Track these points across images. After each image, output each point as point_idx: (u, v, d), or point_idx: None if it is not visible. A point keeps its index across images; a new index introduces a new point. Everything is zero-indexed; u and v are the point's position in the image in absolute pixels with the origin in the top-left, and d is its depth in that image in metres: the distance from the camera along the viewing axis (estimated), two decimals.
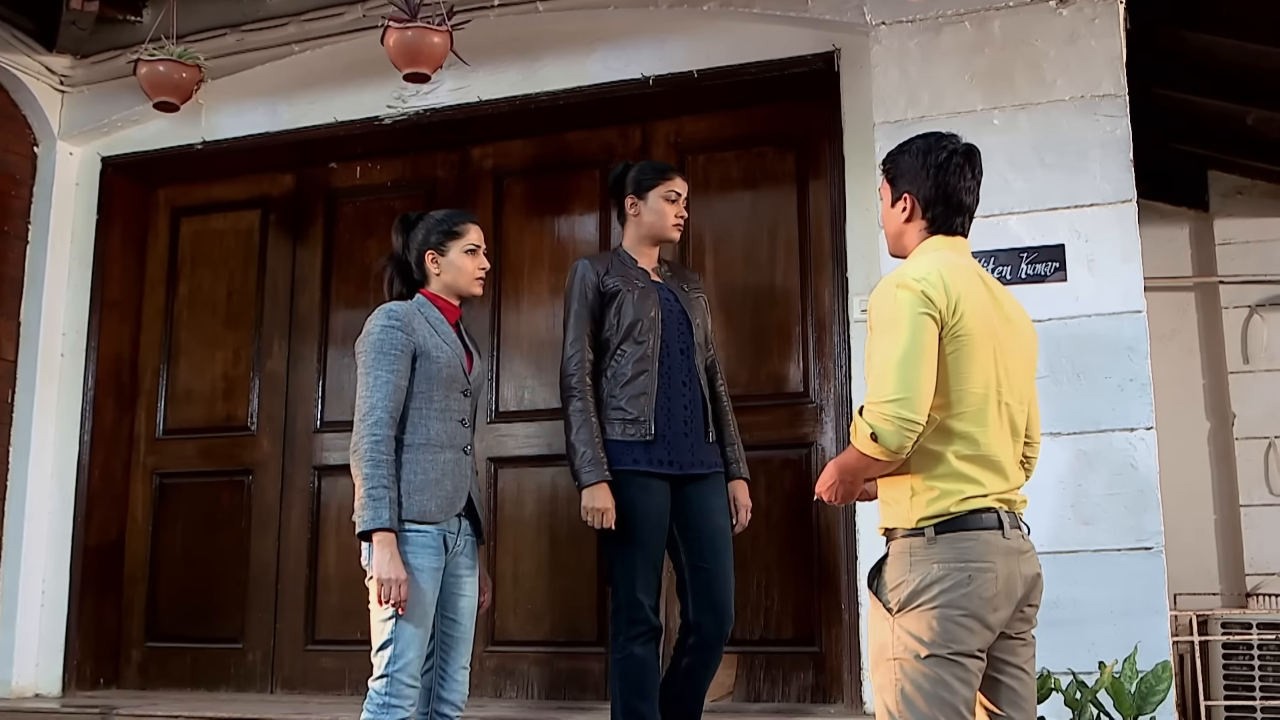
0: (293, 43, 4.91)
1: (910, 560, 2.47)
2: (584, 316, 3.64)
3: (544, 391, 4.77)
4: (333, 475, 5.00)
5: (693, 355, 3.64)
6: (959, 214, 2.70)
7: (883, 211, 2.82)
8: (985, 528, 2.48)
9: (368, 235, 5.12)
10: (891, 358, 2.45)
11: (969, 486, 2.50)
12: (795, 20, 4.32)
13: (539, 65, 4.71)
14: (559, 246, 4.87)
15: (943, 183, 2.67)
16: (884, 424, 2.41)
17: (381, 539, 3.06)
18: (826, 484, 2.70)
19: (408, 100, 4.86)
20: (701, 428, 3.61)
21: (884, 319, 2.51)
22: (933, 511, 2.48)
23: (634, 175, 3.73)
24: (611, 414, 3.58)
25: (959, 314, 2.50)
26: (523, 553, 4.70)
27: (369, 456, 3.11)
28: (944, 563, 2.44)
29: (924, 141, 2.73)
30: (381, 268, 3.46)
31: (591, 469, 3.52)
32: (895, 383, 2.43)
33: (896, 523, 2.54)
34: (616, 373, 3.60)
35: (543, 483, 4.72)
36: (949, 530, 2.47)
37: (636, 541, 3.50)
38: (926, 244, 2.69)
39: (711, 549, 3.55)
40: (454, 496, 3.25)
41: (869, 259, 4.17)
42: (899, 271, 2.57)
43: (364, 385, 3.18)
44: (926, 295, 2.48)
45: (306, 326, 5.18)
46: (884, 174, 2.80)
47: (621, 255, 3.74)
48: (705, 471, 3.60)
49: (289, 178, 5.33)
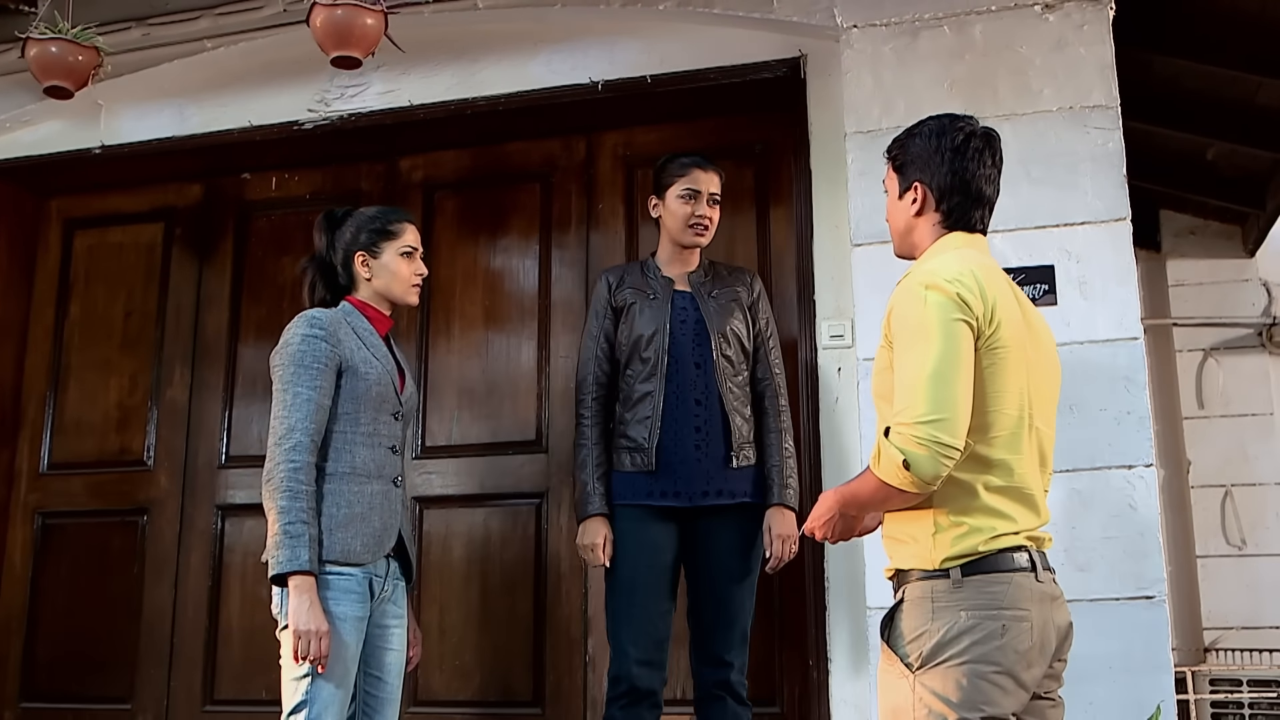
0: (205, 38, 4.47)
1: (932, 607, 2.10)
2: (597, 334, 3.34)
3: (475, 425, 4.35)
4: (238, 516, 4.51)
5: (713, 370, 3.26)
6: (978, 206, 2.36)
7: (888, 205, 2.47)
8: (1017, 569, 2.12)
9: (283, 252, 4.66)
10: (923, 371, 2.09)
11: (1000, 522, 2.14)
12: (759, 23, 4.00)
13: (477, 68, 4.32)
14: (494, 266, 4.47)
15: (960, 169, 2.33)
16: (917, 449, 2.04)
17: (299, 583, 2.63)
18: (822, 519, 2.33)
19: (331, 104, 4.43)
20: (721, 452, 3.22)
21: (911, 325, 2.15)
22: (959, 550, 2.12)
23: (657, 170, 3.43)
24: (619, 442, 3.25)
25: (995, 322, 2.16)
26: (450, 603, 4.24)
27: (285, 486, 2.67)
28: (973, 610, 2.07)
29: (937, 123, 2.39)
30: (302, 270, 3.04)
31: (585, 502, 3.20)
32: (929, 400, 2.06)
33: (914, 563, 2.17)
34: (626, 395, 3.28)
35: (473, 525, 4.28)
36: (977, 572, 2.11)
37: (627, 584, 3.13)
38: (944, 241, 2.33)
39: (712, 594, 3.16)
40: (382, 534, 2.83)
41: (838, 281, 3.83)
42: (925, 270, 2.21)
43: (281, 404, 2.75)
44: (961, 299, 2.13)
45: (212, 352, 4.70)
46: (890, 161, 2.45)
47: (646, 263, 3.42)
48: (724, 502, 3.21)
49: (196, 188, 4.86)
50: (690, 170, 3.38)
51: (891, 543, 2.28)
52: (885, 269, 3.66)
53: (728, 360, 3.30)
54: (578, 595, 4.10)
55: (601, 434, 3.30)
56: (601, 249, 4.35)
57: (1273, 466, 6.13)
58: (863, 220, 3.71)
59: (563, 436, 4.21)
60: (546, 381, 4.30)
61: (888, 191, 2.48)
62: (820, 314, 3.84)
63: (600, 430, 3.31)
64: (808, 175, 3.97)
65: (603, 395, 3.36)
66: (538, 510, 4.22)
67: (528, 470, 4.25)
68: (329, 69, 4.39)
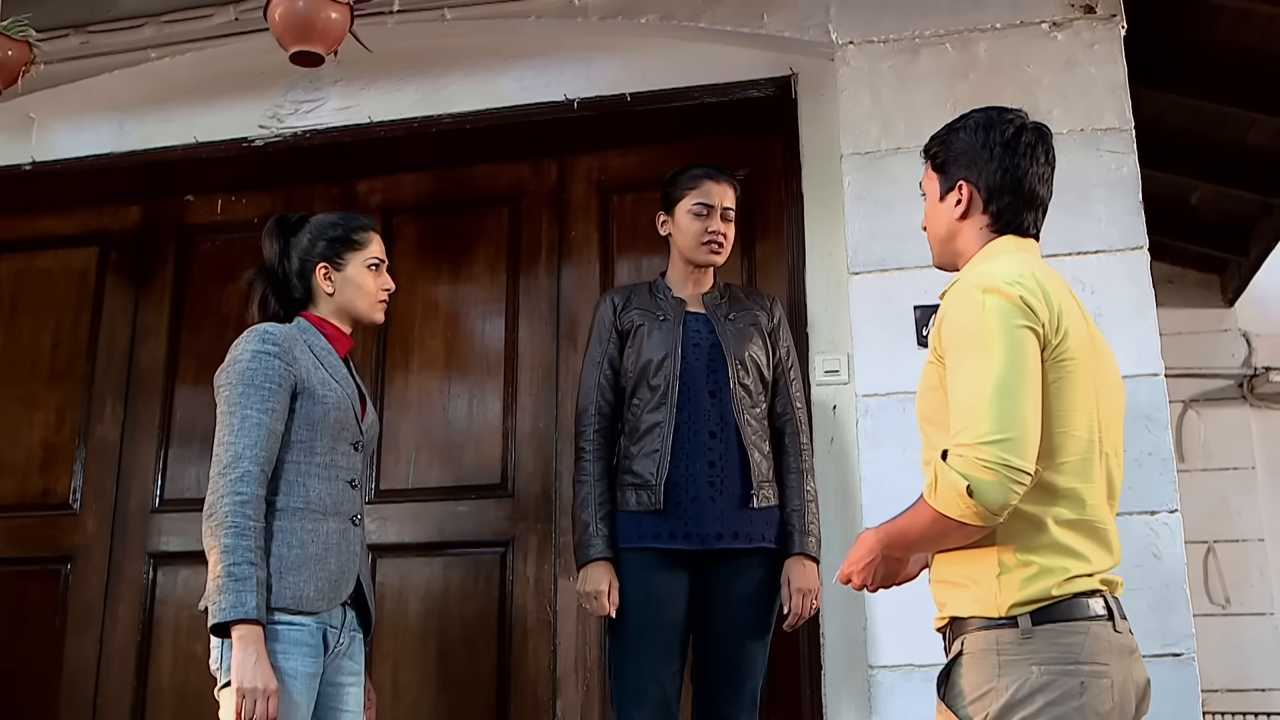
0: (148, 47, 4.15)
1: (999, 660, 1.82)
2: (600, 359, 3.05)
3: (435, 467, 4.02)
4: (172, 564, 4.12)
5: (729, 400, 2.96)
6: (1031, 208, 2.11)
7: (926, 209, 2.21)
8: (1093, 617, 1.84)
9: (227, 280, 4.31)
10: (985, 385, 1.82)
11: (1073, 562, 1.87)
12: (748, 39, 3.76)
13: (443, 83, 4.04)
14: (457, 297, 4.16)
15: (1011, 165, 2.08)
16: (983, 473, 1.77)
17: (244, 634, 2.28)
18: (861, 562, 2.05)
19: (284, 120, 4.13)
20: (738, 490, 2.91)
21: (968, 334, 1.88)
22: (1029, 595, 1.83)
23: (665, 184, 3.15)
24: (624, 478, 2.94)
25: (1062, 331, 1.90)
26: (404, 660, 3.88)
27: (231, 522, 2.34)
28: (1047, 665, 1.79)
29: (983, 115, 2.14)
30: (248, 283, 2.71)
31: (586, 545, 2.88)
32: (994, 417, 1.79)
33: (974, 609, 1.88)
34: (632, 427, 2.97)
35: (431, 575, 3.93)
36: (1049, 620, 1.82)
37: (631, 636, 2.82)
38: (994, 245, 2.07)
39: (722, 649, 2.85)
40: (339, 579, 2.50)
41: (833, 312, 3.58)
42: (979, 273, 1.95)
43: (227, 428, 2.42)
44: (1025, 303, 1.87)
45: (148, 386, 4.32)
46: (929, 160, 2.20)
47: (656, 284, 3.14)
48: (741, 546, 2.89)
49: (134, 210, 4.50)
50: (702, 182, 3.11)
51: (944, 587, 1.99)
52: (885, 298, 3.43)
53: (745, 390, 3.01)
54: (545, 653, 3.76)
55: (605, 470, 3.00)
56: (573, 280, 4.06)
57: (1256, 522, 5.94)
58: (860, 247, 3.46)
59: (530, 480, 3.91)
60: (513, 421, 3.98)
61: (925, 195, 2.23)
62: (814, 348, 3.57)
63: (604, 465, 3.00)
64: (799, 200, 3.72)
65: (606, 427, 3.05)
66: (502, 560, 3.88)
67: (491, 516, 3.92)
68: (282, 83, 4.13)
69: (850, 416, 3.44)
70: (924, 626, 3.11)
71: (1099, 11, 3.50)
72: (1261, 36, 4.18)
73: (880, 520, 3.24)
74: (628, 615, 2.85)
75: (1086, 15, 3.50)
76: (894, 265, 3.44)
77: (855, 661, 3.30)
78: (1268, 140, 4.79)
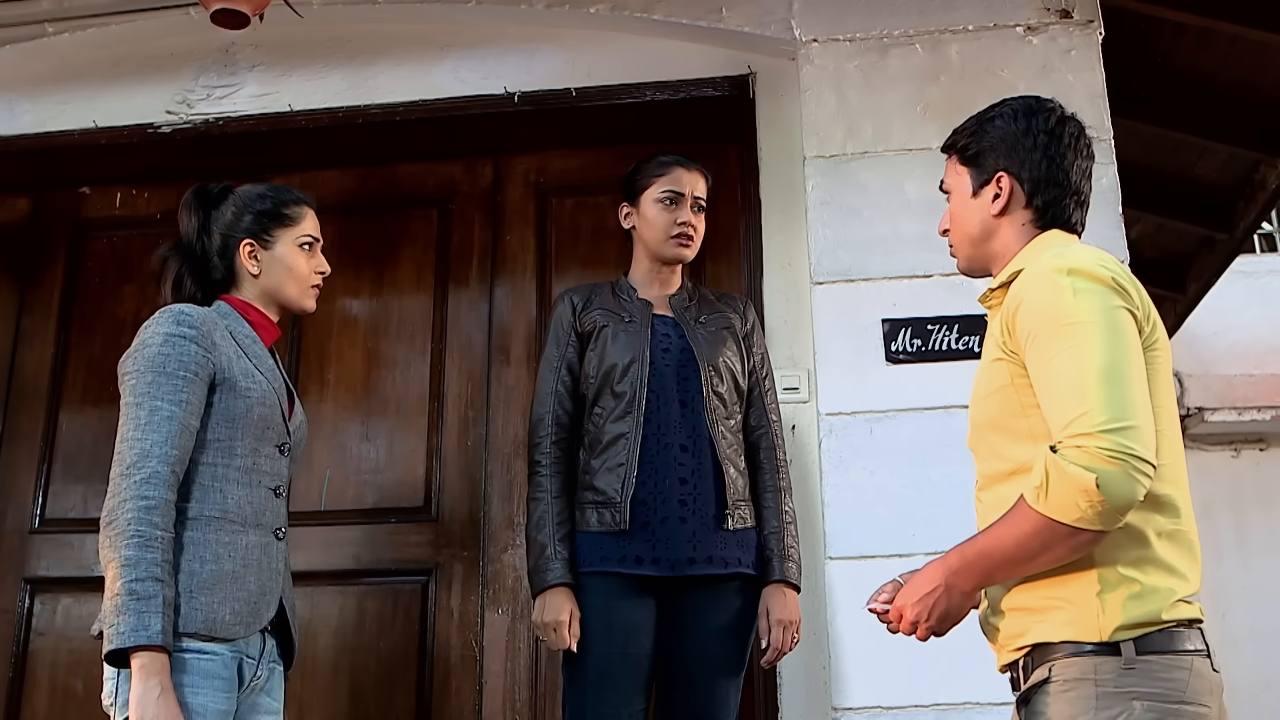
0: (45, 21, 3.78)
1: (1096, 693, 1.57)
2: (558, 365, 2.75)
3: (351, 488, 3.68)
4: (51, 591, 3.71)
5: (703, 410, 2.68)
6: (1076, 204, 1.89)
7: (952, 207, 1.97)
8: (1196, 651, 1.60)
9: (124, 279, 3.94)
10: (1090, 368, 1.58)
11: (1178, 582, 1.63)
12: (705, 33, 3.53)
13: (372, 71, 3.74)
14: (379, 304, 3.84)
15: (1057, 156, 1.86)
16: (1110, 464, 1.53)
17: (146, 663, 1.94)
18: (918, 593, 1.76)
19: (195, 105, 3.78)
20: (712, 510, 2.62)
21: (1058, 317, 1.65)
22: (1137, 616, 1.60)
23: (629, 174, 2.90)
24: (583, 495, 2.63)
25: (1153, 321, 1.69)
26: (313, 701, 3.51)
27: (134, 531, 2.00)
28: (1151, 700, 1.55)
29: (1021, 103, 1.92)
30: (161, 261, 2.38)
31: (543, 569, 2.57)
32: (1108, 403, 1.55)
33: (1067, 633, 1.63)
34: (593, 438, 2.68)
35: (345, 607, 3.58)
36: (1154, 650, 1.59)
37: (590, 672, 2.52)
38: (1044, 239, 1.84)
39: (689, 687, 2.56)
40: (258, 601, 2.17)
41: (793, 325, 3.35)
42: (1053, 255, 1.72)
43: (133, 422, 2.08)
44: (1120, 285, 1.65)
45: (30, 393, 3.91)
46: (955, 154, 1.97)
47: (619, 283, 2.85)
48: (715, 572, 2.59)
49: (23, 201, 4.09)
50: (671, 169, 2.86)
51: (1022, 615, 1.72)
52: (850, 311, 3.21)
53: (720, 399, 2.74)
54: (470, 693, 3.43)
55: (563, 486, 2.69)
56: (507, 288, 3.77)
57: None
58: (824, 255, 3.25)
59: (456, 503, 3.59)
60: (439, 439, 3.66)
61: (949, 192, 1.99)
62: (776, 363, 3.31)
63: (561, 481, 2.69)
64: (757, 207, 3.49)
65: (564, 439, 2.75)
66: (423, 590, 3.54)
67: (413, 542, 3.58)
68: (194, 66, 3.82)
69: (812, 437, 3.20)
70: (895, 664, 2.88)
71: (1075, 16, 3.35)
72: (1222, 61, 4.09)
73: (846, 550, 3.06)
74: (588, 649, 2.55)
75: (1063, 20, 3.36)
76: (860, 275, 3.23)
77: (816, 703, 3.04)
78: (1216, 171, 4.71)
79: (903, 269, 3.19)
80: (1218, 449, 6.16)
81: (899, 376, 3.13)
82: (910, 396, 3.10)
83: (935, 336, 3.10)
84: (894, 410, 3.10)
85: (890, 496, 3.02)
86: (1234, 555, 6.05)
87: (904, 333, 3.15)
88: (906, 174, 3.24)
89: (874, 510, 3.03)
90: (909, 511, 2.99)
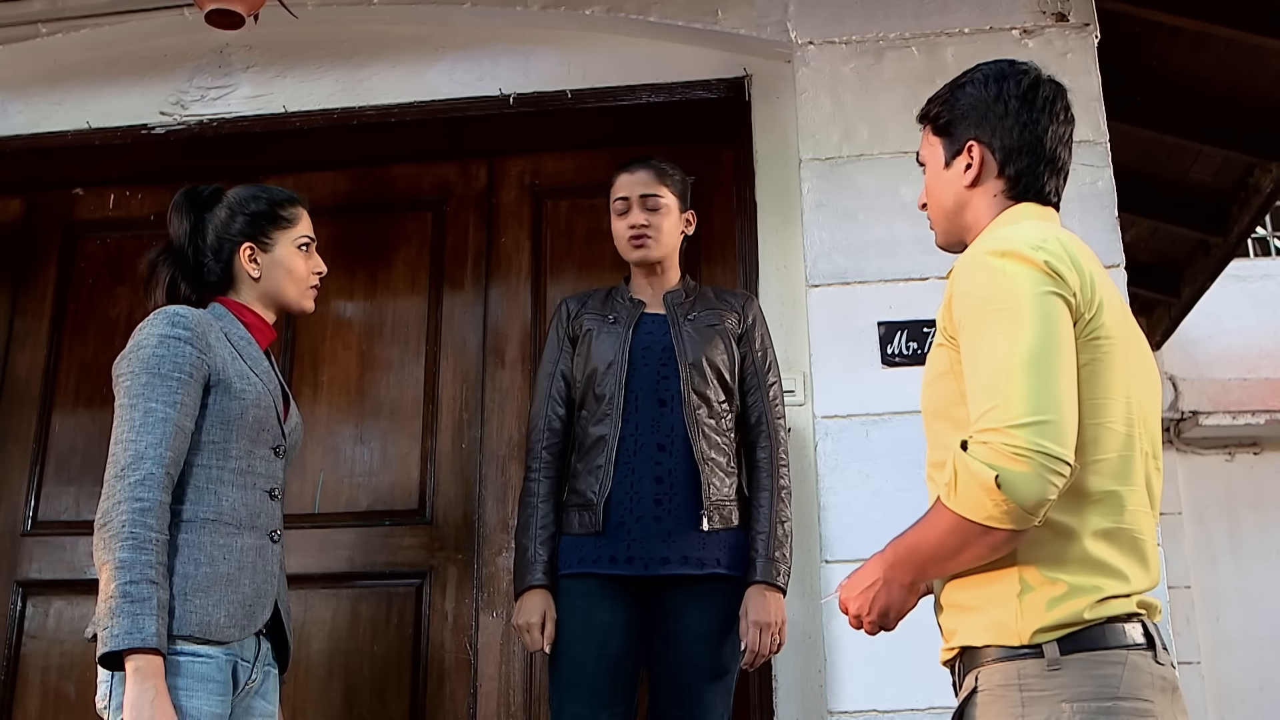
0: (39, 21, 3.77)
1: (1022, 698, 1.54)
2: (552, 370, 2.78)
3: (345, 491, 3.67)
4: (44, 594, 3.70)
5: (683, 408, 2.67)
6: (1052, 172, 1.82)
7: (927, 180, 1.93)
8: (1131, 645, 1.55)
9: (117, 281, 3.93)
10: (1011, 359, 1.53)
11: (1109, 581, 1.58)
12: (701, 35, 3.53)
13: (367, 73, 3.73)
14: (373, 306, 3.83)
15: (1029, 121, 1.79)
16: (1015, 463, 1.48)
17: (141, 666, 1.93)
18: (858, 587, 1.75)
19: (189, 106, 3.77)
20: (689, 509, 2.60)
21: (986, 303, 1.60)
22: (1056, 618, 1.55)
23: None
24: (569, 498, 2.66)
25: (1096, 304, 1.62)
26: (307, 705, 3.50)
27: (129, 533, 1.99)
28: (1079, 701, 1.51)
29: (993, 68, 1.86)
30: (151, 265, 2.36)
31: (522, 572, 2.62)
32: (1026, 396, 1.51)
33: (989, 637, 1.60)
34: (580, 442, 2.70)
35: (338, 610, 3.57)
36: (1080, 648, 1.55)
37: (566, 673, 2.53)
38: (1011, 213, 1.79)
39: (675, 690, 2.55)
40: (253, 604, 2.16)
41: (788, 328, 3.33)
42: (995, 238, 1.67)
43: (127, 423, 2.07)
44: (1053, 269, 1.59)
45: (23, 395, 3.89)
46: (929, 123, 1.92)
47: (617, 287, 2.87)
48: (691, 572, 2.58)
49: (16, 203, 4.08)
50: (615, 178, 2.91)
51: (954, 613, 1.70)
52: (846, 313, 3.21)
53: (701, 397, 2.72)
54: (464, 696, 3.42)
55: (551, 490, 2.72)
56: (501, 290, 3.77)
57: (1182, 569, 5.84)
58: (820, 258, 3.25)
59: (451, 505, 3.58)
60: (433, 441, 3.65)
61: (925, 164, 1.94)
62: None
63: (550, 485, 2.72)
64: (752, 209, 3.49)
65: (556, 444, 2.77)
66: (418, 593, 3.53)
67: (407, 545, 3.58)
68: (188, 66, 3.80)
69: (807, 440, 3.19)
70: (891, 667, 2.87)
71: (1071, 20, 3.35)
72: (1217, 65, 4.09)
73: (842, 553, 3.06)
74: (564, 650, 2.57)
75: (1059, 24, 3.35)
76: (856, 278, 3.23)
77: (811, 707, 3.03)
78: (1211, 175, 4.71)
79: (898, 272, 3.19)
80: (1211, 453, 6.16)
81: (895, 379, 3.12)
82: (906, 399, 3.08)
83: (931, 339, 3.09)
84: (890, 413, 3.09)
85: (886, 499, 3.01)
86: (1227, 559, 6.06)
87: (900, 335, 3.14)
88: (902, 177, 3.23)
89: (870, 513, 3.02)
90: (905, 514, 2.92)
